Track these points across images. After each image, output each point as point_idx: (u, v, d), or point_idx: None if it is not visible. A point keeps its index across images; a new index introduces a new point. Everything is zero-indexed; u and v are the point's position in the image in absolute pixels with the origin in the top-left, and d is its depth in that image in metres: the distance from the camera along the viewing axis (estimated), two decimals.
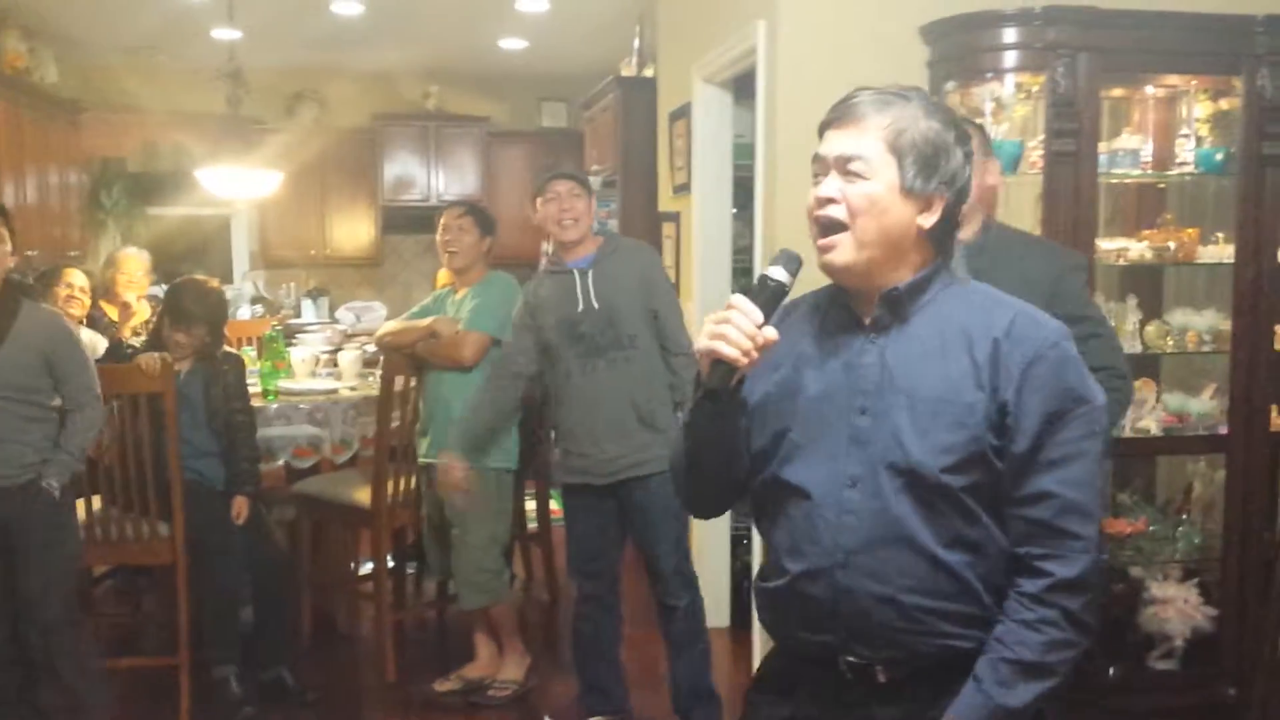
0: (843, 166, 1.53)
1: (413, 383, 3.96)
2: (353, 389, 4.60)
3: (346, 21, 6.49)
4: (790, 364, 1.64)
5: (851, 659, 1.58)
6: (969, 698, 1.51)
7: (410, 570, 4.77)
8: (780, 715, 1.69)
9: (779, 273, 1.54)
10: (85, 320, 4.59)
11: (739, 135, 4.38)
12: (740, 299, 1.51)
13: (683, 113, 4.57)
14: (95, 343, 4.21)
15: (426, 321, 3.91)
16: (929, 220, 1.55)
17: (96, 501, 3.66)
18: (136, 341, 4.16)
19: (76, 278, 4.61)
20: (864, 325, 1.60)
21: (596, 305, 3.28)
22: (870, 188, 1.52)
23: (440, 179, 8.35)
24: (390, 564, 4.28)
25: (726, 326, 1.49)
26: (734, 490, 1.73)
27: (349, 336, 6.74)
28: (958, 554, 1.53)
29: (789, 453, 1.61)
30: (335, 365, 4.95)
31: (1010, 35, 3.15)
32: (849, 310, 1.62)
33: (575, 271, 3.33)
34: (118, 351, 3.84)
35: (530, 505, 4.97)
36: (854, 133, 1.54)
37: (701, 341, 1.51)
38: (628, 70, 6.07)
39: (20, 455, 3.11)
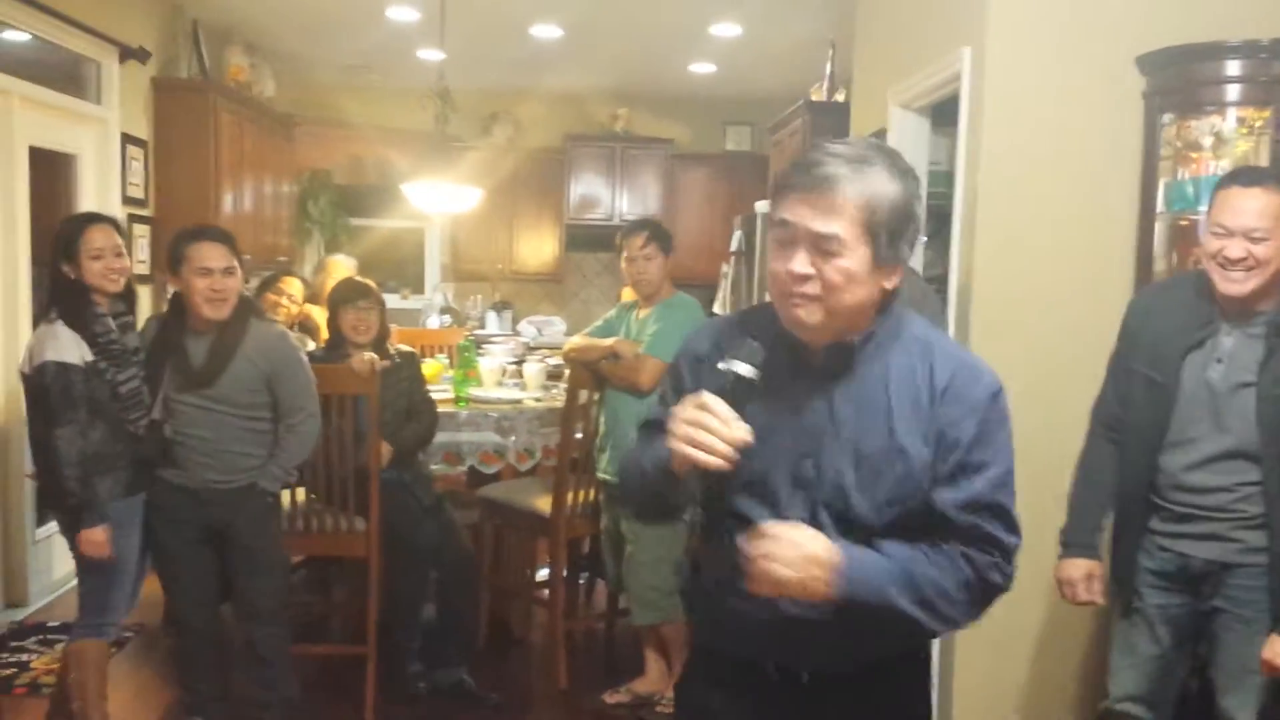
0: (817, 244, 1.53)
1: (596, 397, 4.05)
2: (537, 400, 4.73)
3: (544, 44, 6.72)
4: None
5: (777, 664, 1.72)
6: (878, 562, 1.58)
7: (581, 580, 4.87)
8: (708, 705, 1.82)
9: (745, 369, 1.52)
10: (297, 325, 4.86)
11: (934, 162, 4.33)
12: (712, 400, 1.49)
13: (876, 139, 4.53)
14: (301, 344, 4.45)
15: (610, 341, 3.99)
16: (891, 283, 1.59)
17: (300, 494, 3.86)
18: None
19: (292, 285, 4.90)
20: (812, 370, 1.63)
21: None
22: (846, 264, 1.54)
23: (624, 199, 8.51)
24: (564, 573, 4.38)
25: (703, 434, 1.47)
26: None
27: (531, 349, 6.94)
28: None
29: (740, 483, 1.64)
30: (520, 376, 5.10)
31: (1234, 68, 3.03)
32: (795, 351, 1.63)
33: None
34: (340, 352, 4.02)
35: None
36: (826, 209, 1.53)
37: (676, 446, 1.49)
38: (817, 95, 6.07)
39: (237, 462, 3.29)
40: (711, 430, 1.47)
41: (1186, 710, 2.73)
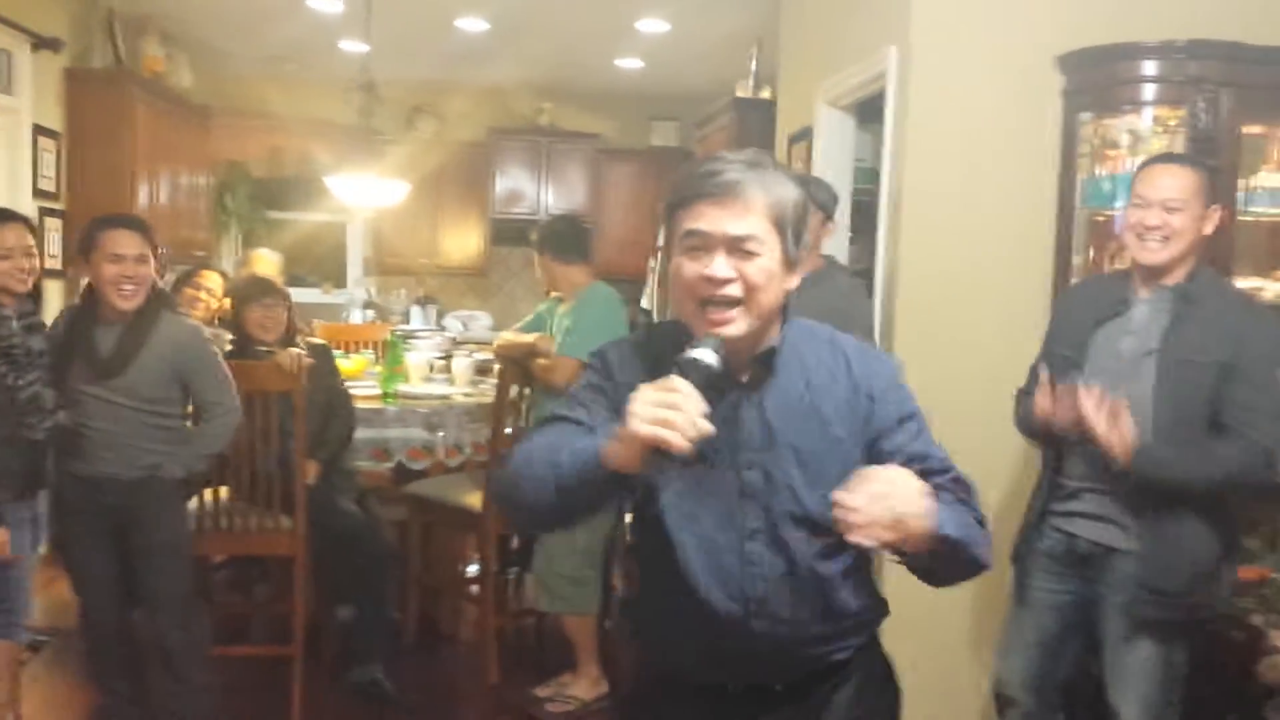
0: (735, 245, 1.56)
1: (527, 391, 4.04)
2: (467, 395, 4.70)
3: (470, 38, 6.65)
4: None
5: (747, 680, 1.72)
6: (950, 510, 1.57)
7: (510, 575, 4.85)
8: None
9: (709, 355, 1.48)
10: (217, 320, 4.75)
11: (859, 159, 4.39)
12: (685, 384, 1.42)
13: (803, 135, 4.59)
14: (220, 339, 4.37)
15: (531, 338, 4.00)
16: (793, 283, 1.64)
17: (223, 492, 3.79)
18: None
19: (211, 280, 4.81)
20: (739, 383, 1.65)
21: None
22: (765, 263, 1.58)
23: (549, 194, 8.48)
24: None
25: (676, 414, 1.38)
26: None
27: (457, 344, 6.88)
28: (850, 577, 1.69)
29: (676, 502, 1.65)
30: (448, 371, 5.06)
31: (1151, 68, 3.12)
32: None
33: None
34: (250, 350, 3.96)
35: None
36: (740, 211, 1.56)
37: (642, 426, 1.39)
38: (743, 91, 6.10)
39: (139, 456, 3.22)
40: (686, 412, 1.39)
41: (1083, 697, 2.81)
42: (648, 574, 1.78)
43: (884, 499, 1.42)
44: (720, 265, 1.56)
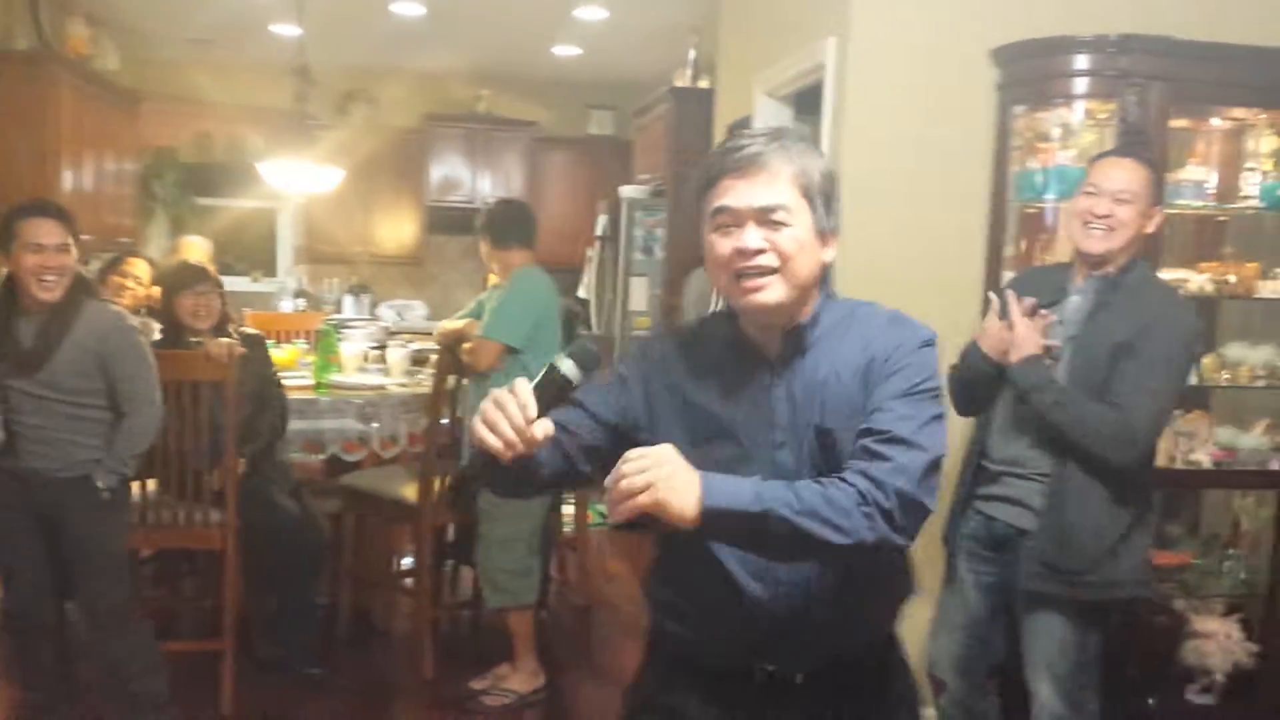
0: (763, 217, 1.57)
1: (464, 382, 3.99)
2: (402, 385, 4.64)
3: (406, 22, 6.57)
4: (681, 397, 1.67)
5: (769, 667, 1.68)
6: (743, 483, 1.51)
7: (445, 568, 4.81)
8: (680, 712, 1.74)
9: (570, 368, 1.53)
10: (144, 309, 4.64)
11: None
12: (524, 387, 1.49)
13: (742, 125, 4.59)
14: (148, 328, 4.26)
15: (460, 324, 3.97)
16: (829, 255, 1.63)
17: (152, 484, 3.70)
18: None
19: (138, 267, 4.68)
20: (769, 361, 1.65)
21: None
22: (796, 232, 1.58)
23: (485, 182, 8.41)
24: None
25: (497, 414, 1.47)
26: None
27: (392, 334, 6.80)
28: (880, 562, 1.61)
29: None
30: (383, 361, 5.00)
31: (1083, 62, 3.16)
32: (748, 346, 1.67)
33: None
34: (179, 339, 3.86)
35: (568, 510, 4.99)
36: (765, 181, 1.57)
37: (475, 424, 1.49)
38: (681, 80, 6.11)
39: (70, 452, 3.12)
40: (506, 415, 1.46)
41: (1014, 680, 2.85)
42: (670, 558, 1.76)
43: (623, 477, 1.42)
44: (751, 236, 1.57)
